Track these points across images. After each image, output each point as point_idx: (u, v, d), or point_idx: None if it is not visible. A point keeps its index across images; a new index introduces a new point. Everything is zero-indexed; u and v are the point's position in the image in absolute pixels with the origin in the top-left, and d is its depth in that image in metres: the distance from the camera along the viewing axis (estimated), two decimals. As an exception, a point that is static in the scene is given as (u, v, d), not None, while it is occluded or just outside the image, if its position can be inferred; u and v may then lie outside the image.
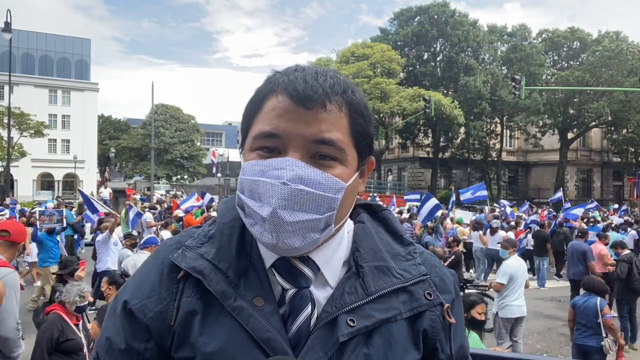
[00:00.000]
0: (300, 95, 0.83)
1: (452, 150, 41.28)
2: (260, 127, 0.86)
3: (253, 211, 0.84)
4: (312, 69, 0.89)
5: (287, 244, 0.82)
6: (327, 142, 0.84)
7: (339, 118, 0.86)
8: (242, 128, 0.93)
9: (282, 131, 0.84)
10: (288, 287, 0.88)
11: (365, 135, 0.91)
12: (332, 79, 0.87)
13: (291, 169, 0.82)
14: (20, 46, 51.92)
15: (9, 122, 23.30)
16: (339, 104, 0.86)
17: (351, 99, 0.88)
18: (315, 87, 0.84)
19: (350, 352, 0.84)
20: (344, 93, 0.87)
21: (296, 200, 0.81)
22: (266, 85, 0.89)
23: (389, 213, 1.04)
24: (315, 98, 0.83)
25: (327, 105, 0.84)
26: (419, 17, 40.43)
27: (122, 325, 0.88)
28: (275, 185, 0.81)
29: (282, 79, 0.87)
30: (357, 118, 0.89)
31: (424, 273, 0.94)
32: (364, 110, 0.90)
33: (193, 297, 0.86)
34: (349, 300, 0.87)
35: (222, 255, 0.88)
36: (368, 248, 0.94)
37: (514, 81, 22.43)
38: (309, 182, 0.82)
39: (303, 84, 0.84)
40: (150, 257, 0.96)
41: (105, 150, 55.42)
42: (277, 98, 0.85)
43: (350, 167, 0.88)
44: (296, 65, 0.92)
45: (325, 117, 0.84)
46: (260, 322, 0.83)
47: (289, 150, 0.84)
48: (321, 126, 0.84)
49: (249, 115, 0.91)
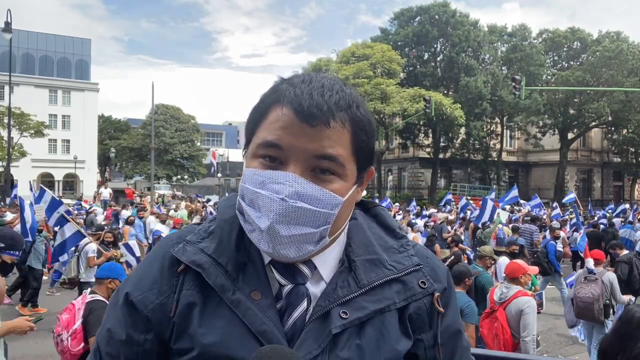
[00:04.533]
0: (304, 112, 0.85)
1: (452, 150, 41.25)
2: (264, 136, 0.88)
3: (252, 220, 0.88)
4: (318, 82, 0.89)
5: (282, 254, 0.86)
6: (328, 158, 0.87)
7: (342, 134, 0.88)
8: (246, 131, 0.95)
9: (284, 143, 0.86)
10: (285, 283, 0.90)
11: (367, 149, 0.93)
12: (337, 93, 0.88)
13: (290, 184, 0.84)
14: (20, 46, 51.96)
15: (9, 122, 23.34)
16: (343, 121, 0.88)
17: (355, 115, 0.90)
18: (321, 104, 0.85)
19: (343, 344, 0.86)
20: (348, 108, 0.88)
21: (293, 216, 0.84)
22: (272, 95, 0.91)
23: (382, 209, 1.07)
24: (320, 116, 0.85)
25: (330, 123, 0.86)
26: (419, 17, 40.41)
27: (123, 317, 0.91)
28: (275, 200, 0.84)
29: (289, 91, 0.88)
30: (360, 134, 0.91)
31: (417, 264, 0.96)
32: (367, 127, 0.92)
33: (193, 290, 0.89)
34: (342, 293, 0.89)
35: (222, 250, 0.91)
36: (360, 242, 0.96)
37: (514, 81, 22.41)
38: (306, 199, 0.85)
39: (309, 99, 0.85)
40: (152, 251, 1.00)
41: (105, 150, 55.48)
42: (282, 110, 0.87)
43: (349, 182, 0.91)
44: (303, 75, 0.93)
45: (328, 133, 0.86)
46: (257, 315, 0.85)
47: (290, 162, 0.86)
48: (323, 142, 0.86)
49: (254, 120, 0.93)
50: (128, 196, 29.21)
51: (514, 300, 4.73)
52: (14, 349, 5.40)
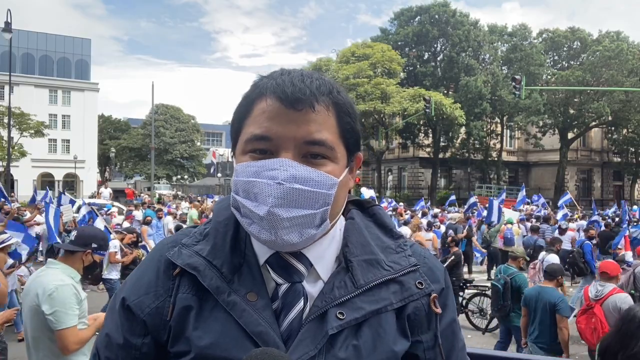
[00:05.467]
0: (289, 98, 0.86)
1: (452, 150, 41.25)
2: (252, 130, 0.89)
3: (250, 211, 0.86)
4: (297, 72, 0.92)
5: (285, 240, 0.85)
6: (317, 142, 0.87)
7: (327, 118, 0.89)
8: (232, 132, 0.96)
9: (273, 133, 0.87)
10: (281, 282, 0.90)
11: (353, 132, 0.94)
12: (317, 80, 0.90)
13: (285, 169, 0.84)
14: (20, 46, 51.92)
15: (9, 122, 23.33)
16: (327, 104, 0.89)
17: (337, 99, 0.91)
18: (303, 89, 0.87)
19: (340, 345, 0.86)
20: (330, 93, 0.90)
21: (292, 198, 0.84)
22: (254, 90, 0.92)
23: (379, 208, 1.06)
24: (304, 99, 0.86)
25: (315, 106, 0.87)
26: (419, 16, 40.43)
27: (120, 321, 0.92)
28: (271, 185, 0.84)
29: (270, 82, 0.89)
30: (344, 117, 0.92)
31: (414, 264, 0.96)
32: (349, 109, 0.93)
33: (188, 293, 0.89)
34: (339, 294, 0.89)
35: (217, 252, 0.91)
36: (357, 242, 0.96)
37: (515, 81, 22.42)
38: (303, 181, 0.85)
39: (291, 86, 0.87)
40: (148, 255, 1.00)
41: (105, 150, 55.45)
42: (267, 101, 0.88)
43: (340, 164, 0.91)
44: (281, 69, 0.95)
45: (314, 117, 0.87)
46: (252, 316, 0.85)
47: (281, 152, 0.87)
48: (310, 127, 0.87)
49: (238, 119, 0.93)
50: (128, 196, 29.26)
51: (611, 297, 4.96)
52: (13, 350, 5.40)
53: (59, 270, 3.18)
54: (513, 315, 6.40)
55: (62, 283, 3.03)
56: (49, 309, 2.95)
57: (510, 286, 6.41)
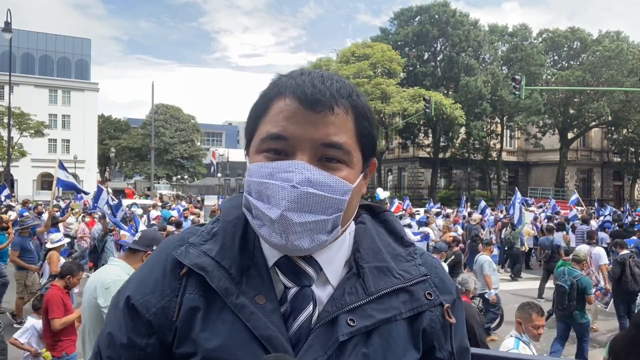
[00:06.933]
0: (308, 99, 0.84)
1: (452, 150, 41.26)
2: (268, 129, 0.87)
3: (261, 213, 0.84)
4: (317, 73, 0.90)
5: (296, 245, 0.83)
6: (334, 146, 0.85)
7: (346, 121, 0.87)
8: (247, 130, 0.94)
9: (290, 134, 0.85)
10: (290, 285, 0.88)
11: (370, 137, 0.92)
12: (338, 82, 0.88)
13: (300, 172, 0.82)
14: (20, 46, 51.95)
15: (9, 122, 23.36)
16: (346, 107, 0.87)
17: (356, 103, 0.89)
18: (323, 90, 0.85)
19: (350, 352, 0.85)
20: (349, 97, 0.88)
21: (305, 203, 0.82)
22: (272, 88, 0.90)
23: (390, 214, 1.05)
24: (324, 101, 0.84)
25: (334, 109, 0.85)
26: (419, 16, 40.42)
27: (124, 320, 0.89)
28: (285, 188, 0.82)
29: (290, 82, 0.87)
30: (362, 121, 0.90)
31: (424, 274, 0.95)
32: (368, 114, 0.92)
33: (195, 294, 0.87)
34: (349, 300, 0.87)
35: (225, 252, 0.89)
36: (369, 248, 0.94)
37: (515, 81, 22.40)
38: (317, 185, 0.83)
39: (311, 87, 0.85)
40: (154, 253, 0.97)
41: (105, 150, 55.46)
42: (285, 101, 0.86)
43: (355, 169, 0.89)
44: (301, 69, 0.94)
45: (333, 120, 0.85)
46: (261, 319, 0.83)
47: (296, 153, 0.85)
48: (329, 129, 0.85)
49: (255, 117, 0.91)
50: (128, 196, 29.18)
51: None
52: (13, 350, 5.39)
53: (118, 267, 3.37)
54: (577, 313, 7.11)
55: (119, 279, 3.15)
56: (104, 302, 3.11)
57: (577, 287, 7.05)
